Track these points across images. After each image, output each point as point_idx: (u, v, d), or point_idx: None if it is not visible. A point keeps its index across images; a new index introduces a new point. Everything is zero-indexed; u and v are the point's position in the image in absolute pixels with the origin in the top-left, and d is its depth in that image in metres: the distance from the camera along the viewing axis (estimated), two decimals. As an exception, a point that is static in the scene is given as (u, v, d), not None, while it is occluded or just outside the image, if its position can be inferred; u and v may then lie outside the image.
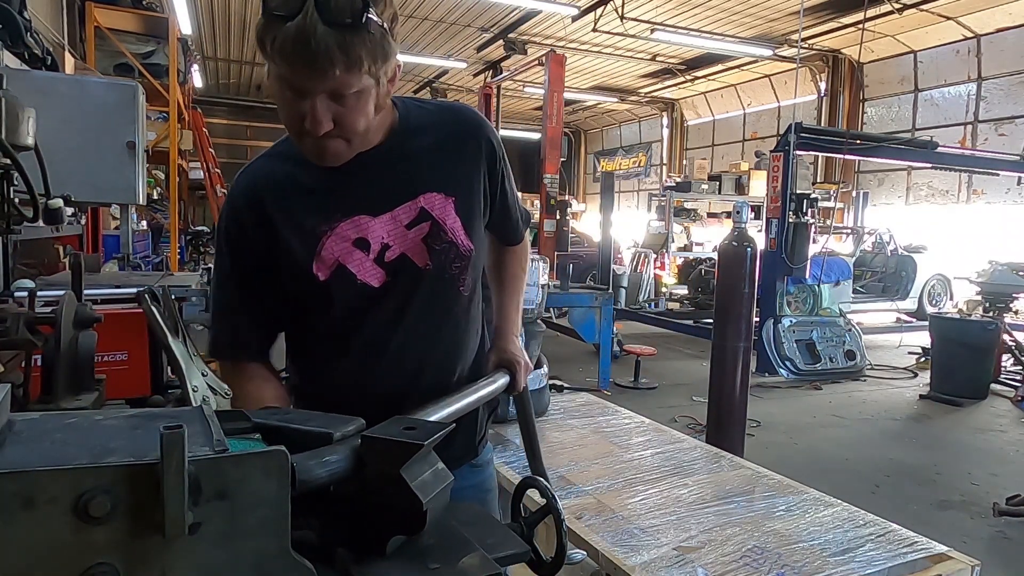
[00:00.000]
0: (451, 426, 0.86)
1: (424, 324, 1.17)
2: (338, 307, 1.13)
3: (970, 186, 11.55)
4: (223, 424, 0.66)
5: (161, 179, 9.67)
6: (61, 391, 1.64)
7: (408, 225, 1.13)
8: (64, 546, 0.52)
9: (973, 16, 10.84)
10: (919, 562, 1.79)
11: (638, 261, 10.99)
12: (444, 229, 1.14)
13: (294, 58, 0.90)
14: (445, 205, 1.15)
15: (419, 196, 1.13)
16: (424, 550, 0.77)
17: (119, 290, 3.54)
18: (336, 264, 1.10)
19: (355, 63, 0.92)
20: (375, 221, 1.11)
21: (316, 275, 1.10)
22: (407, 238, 1.13)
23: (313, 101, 0.95)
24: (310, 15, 0.87)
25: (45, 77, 4.43)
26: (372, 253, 1.11)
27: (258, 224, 1.11)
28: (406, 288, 1.14)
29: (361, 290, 1.12)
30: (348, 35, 0.90)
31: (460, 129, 1.19)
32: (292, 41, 0.89)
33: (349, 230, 1.10)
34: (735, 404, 4.08)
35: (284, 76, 0.93)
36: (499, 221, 1.31)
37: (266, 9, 0.90)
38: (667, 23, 11.84)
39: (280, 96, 0.97)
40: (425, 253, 1.14)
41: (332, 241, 1.10)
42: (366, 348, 1.16)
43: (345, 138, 1.01)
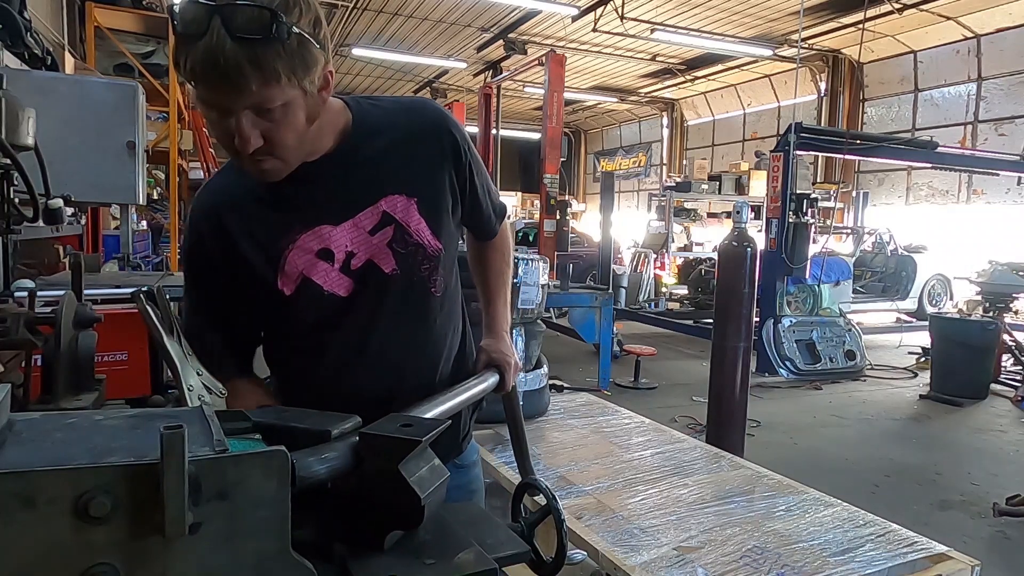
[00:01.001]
0: (447, 423, 0.86)
1: (399, 329, 1.15)
2: (309, 319, 1.12)
3: (970, 186, 11.55)
4: (223, 424, 0.66)
5: (161, 179, 9.67)
6: (61, 391, 1.64)
7: (371, 231, 1.10)
8: (64, 546, 0.52)
9: (973, 16, 10.84)
10: (919, 562, 1.79)
11: (638, 261, 10.99)
12: (409, 232, 1.12)
13: (207, 78, 0.87)
14: (408, 207, 1.12)
15: (380, 200, 1.10)
16: (420, 545, 0.78)
17: (119, 290, 3.53)
18: (300, 277, 1.08)
19: (271, 76, 0.88)
20: (337, 230, 1.09)
21: (282, 290, 1.09)
22: (371, 244, 1.10)
23: (237, 119, 0.91)
24: (217, 32, 0.84)
25: (45, 77, 4.43)
26: (337, 263, 1.09)
27: (220, 243, 1.09)
28: (375, 295, 1.12)
29: (329, 301, 1.10)
30: (259, 49, 0.86)
31: (419, 126, 1.15)
32: (202, 61, 0.86)
33: (311, 241, 1.08)
34: (735, 404, 4.08)
35: (203, 97, 0.91)
36: (471, 216, 1.27)
37: (176, 29, 0.88)
38: (667, 23, 11.84)
39: (207, 117, 0.95)
40: (391, 258, 1.12)
41: (294, 254, 1.08)
42: (342, 356, 1.14)
43: (278, 156, 0.98)
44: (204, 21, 0.84)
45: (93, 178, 3.97)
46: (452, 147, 1.16)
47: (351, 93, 10.88)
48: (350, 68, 16.01)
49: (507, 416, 1.45)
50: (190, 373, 0.95)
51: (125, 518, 0.53)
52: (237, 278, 1.10)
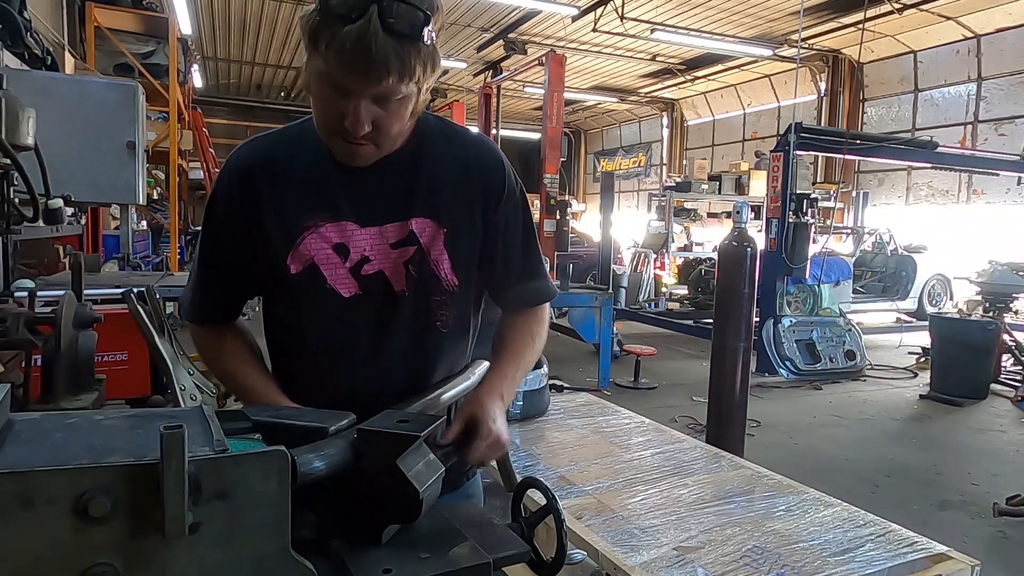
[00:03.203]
0: (443, 419, 0.87)
1: (391, 348, 1.11)
2: (303, 305, 1.11)
3: (970, 186, 11.55)
4: (223, 424, 0.66)
5: (161, 179, 9.68)
6: (61, 391, 1.64)
7: (393, 244, 1.09)
8: (64, 546, 0.52)
9: (973, 16, 10.84)
10: (919, 562, 1.79)
11: (638, 261, 10.99)
12: (428, 259, 1.10)
13: (351, 61, 0.89)
14: (436, 235, 1.10)
15: (411, 219, 1.09)
16: (416, 540, 0.79)
17: (119, 290, 3.54)
18: (310, 262, 1.07)
19: (407, 72, 0.92)
20: (361, 231, 1.08)
21: (289, 266, 1.08)
22: (389, 257, 1.09)
23: (357, 103, 0.94)
24: (372, 21, 0.87)
25: (45, 77, 4.43)
26: (349, 262, 1.08)
27: (244, 200, 1.09)
28: (377, 307, 1.10)
29: (329, 295, 1.08)
30: (407, 45, 0.90)
31: (473, 163, 1.13)
32: (353, 44, 0.88)
33: (332, 233, 1.07)
34: (735, 404, 4.08)
35: (332, 75, 0.92)
36: (497, 275, 1.18)
37: (325, 7, 0.88)
38: (667, 23, 11.84)
39: (319, 92, 0.96)
40: (404, 278, 1.09)
41: (312, 238, 1.07)
42: (327, 354, 1.12)
43: (377, 143, 1.01)
44: (363, 7, 0.87)
45: (93, 178, 3.97)
46: (496, 192, 1.14)
47: (351, 93, 10.91)
48: (350, 68, 16.01)
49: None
50: (182, 373, 0.96)
51: (125, 518, 0.54)
52: (250, 235, 1.09)
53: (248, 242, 1.10)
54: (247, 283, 1.16)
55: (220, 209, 1.12)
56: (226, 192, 1.11)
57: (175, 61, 7.85)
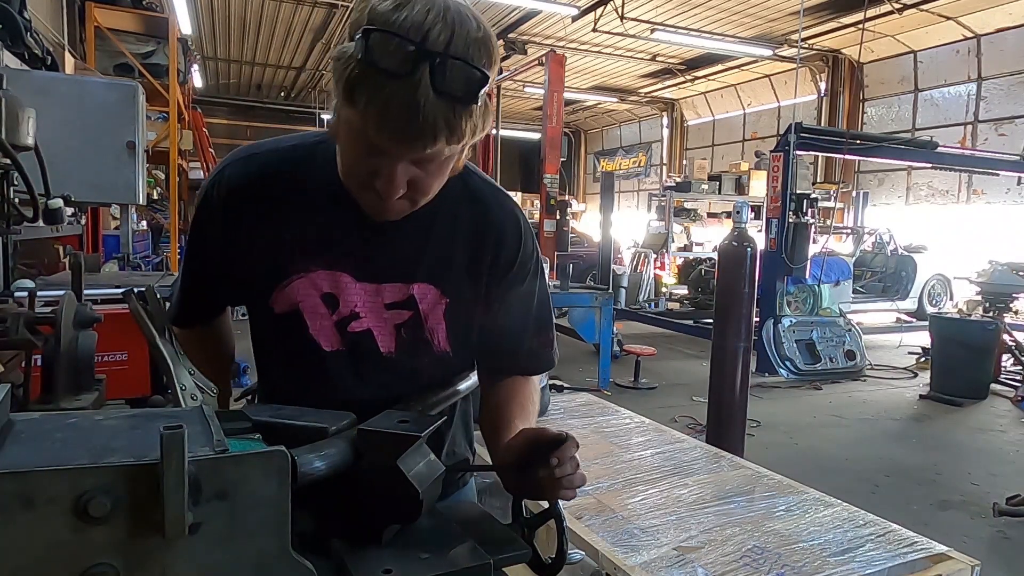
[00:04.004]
0: (443, 419, 0.87)
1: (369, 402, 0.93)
2: (279, 343, 1.05)
3: (970, 186, 11.55)
4: (223, 424, 0.66)
5: (161, 179, 9.68)
6: (61, 391, 1.64)
7: (388, 305, 1.01)
8: (64, 546, 0.52)
9: (973, 16, 10.84)
10: (919, 562, 1.79)
11: (638, 261, 10.99)
12: (424, 326, 1.03)
13: (395, 125, 0.77)
14: (436, 304, 1.02)
15: (413, 284, 1.01)
16: (416, 540, 0.79)
17: (119, 290, 3.54)
18: (295, 308, 0.99)
19: (457, 137, 0.80)
20: (356, 285, 0.99)
21: (272, 307, 1.00)
22: (381, 317, 1.01)
23: (393, 166, 0.82)
24: (423, 82, 0.75)
25: (45, 77, 4.43)
26: (336, 315, 1.00)
27: (233, 222, 0.99)
28: (357, 364, 1.02)
29: (309, 344, 1.00)
30: (458, 108, 0.77)
31: (491, 231, 1.03)
32: (399, 106, 0.75)
33: (323, 281, 0.99)
34: (735, 404, 4.08)
35: (369, 135, 0.79)
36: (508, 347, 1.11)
37: (369, 60, 0.75)
38: (667, 23, 11.84)
39: (351, 146, 0.85)
40: (393, 340, 1.02)
41: (301, 284, 0.98)
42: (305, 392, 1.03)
43: (413, 200, 0.89)
44: (411, 64, 0.74)
45: (93, 178, 3.97)
46: (508, 264, 1.05)
47: (351, 93, 10.85)
48: (350, 68, 16.00)
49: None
50: (182, 372, 0.95)
51: (125, 518, 0.53)
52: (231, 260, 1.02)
53: (230, 262, 1.02)
54: (227, 295, 1.14)
55: (204, 224, 1.03)
56: (212, 209, 1.01)
57: (175, 61, 7.85)
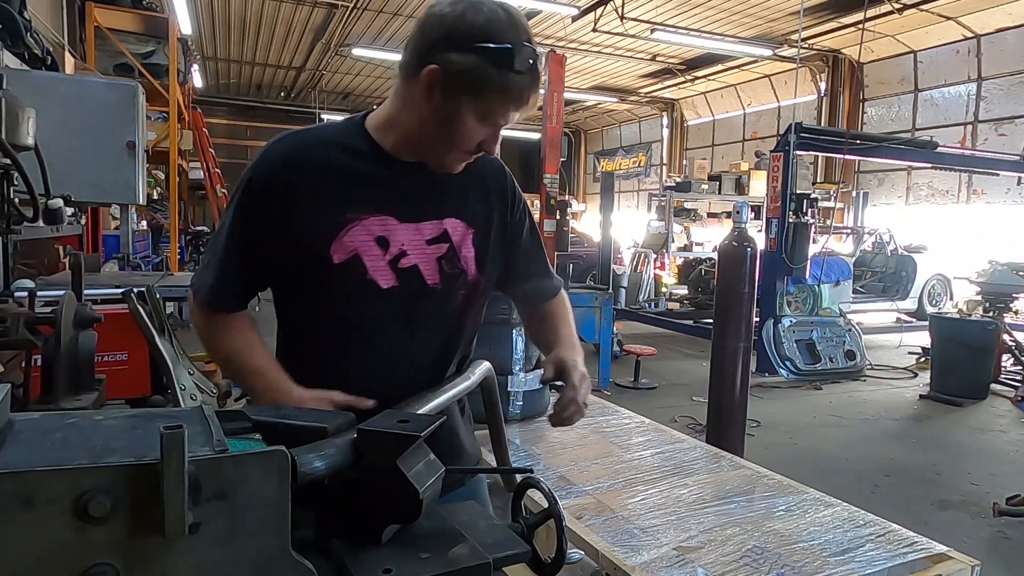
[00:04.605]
0: (442, 418, 0.89)
1: (419, 338, 1.20)
2: (340, 296, 1.15)
3: (970, 186, 11.55)
4: (223, 424, 0.66)
5: (161, 179, 9.68)
6: (61, 391, 1.64)
7: (429, 241, 1.19)
8: (64, 546, 0.52)
9: (973, 16, 10.84)
10: (919, 562, 1.79)
11: (638, 261, 10.99)
12: (459, 256, 1.21)
13: (519, 102, 1.08)
14: (465, 234, 1.22)
15: (445, 219, 1.20)
16: (416, 540, 0.79)
17: (119, 290, 3.54)
18: (353, 253, 1.13)
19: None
20: (400, 226, 1.16)
21: (331, 256, 1.12)
22: (424, 252, 1.18)
23: (498, 131, 1.13)
24: (535, 75, 1.07)
25: (45, 77, 4.43)
26: (388, 255, 1.16)
27: (286, 189, 1.12)
28: (411, 298, 1.18)
29: (368, 286, 1.14)
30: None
31: (488, 171, 1.28)
32: (524, 91, 1.08)
33: (375, 226, 1.15)
34: (735, 404, 4.08)
35: (493, 112, 1.08)
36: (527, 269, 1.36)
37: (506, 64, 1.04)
38: (667, 23, 11.84)
39: (468, 127, 1.09)
40: (437, 272, 1.19)
41: (357, 230, 1.14)
42: (358, 343, 1.18)
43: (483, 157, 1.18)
44: (531, 64, 1.06)
45: (93, 178, 3.97)
46: (512, 199, 1.31)
47: (351, 93, 10.91)
48: (350, 68, 16.01)
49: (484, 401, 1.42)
50: (182, 372, 0.96)
51: (125, 518, 0.54)
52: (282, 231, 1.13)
53: (281, 233, 1.13)
54: (267, 274, 1.18)
55: (257, 198, 1.14)
56: (265, 181, 1.13)
57: (175, 61, 7.85)
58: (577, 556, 1.65)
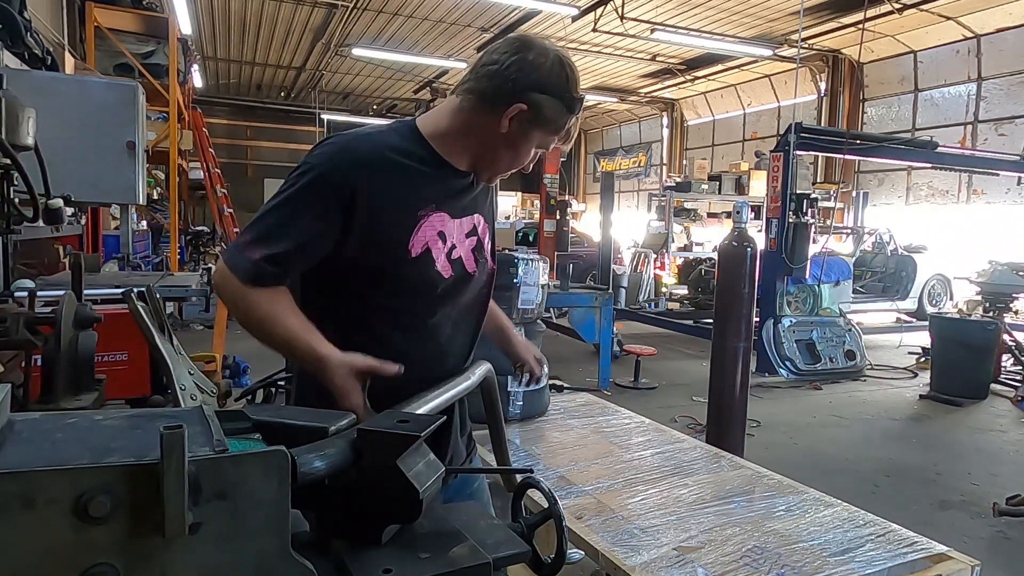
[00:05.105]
0: (442, 418, 0.90)
1: (464, 320, 1.38)
2: (413, 286, 1.26)
3: (970, 186, 11.55)
4: (223, 424, 0.66)
5: (161, 179, 9.68)
6: (61, 391, 1.64)
7: (467, 234, 1.35)
8: (64, 546, 0.52)
9: (973, 16, 10.84)
10: (919, 562, 1.79)
11: (638, 261, 10.99)
12: (484, 248, 1.40)
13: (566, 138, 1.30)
14: (485, 228, 1.41)
15: (475, 215, 1.38)
16: (416, 540, 0.79)
17: (119, 290, 3.54)
18: (425, 246, 1.25)
19: None
20: (452, 222, 1.31)
21: (410, 250, 1.23)
22: (465, 244, 1.35)
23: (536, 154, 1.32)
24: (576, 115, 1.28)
25: (45, 77, 4.43)
26: (446, 248, 1.30)
27: (360, 193, 1.19)
28: (459, 286, 1.34)
29: (435, 276, 1.27)
30: None
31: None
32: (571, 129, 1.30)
33: (437, 221, 1.28)
34: (735, 404, 4.08)
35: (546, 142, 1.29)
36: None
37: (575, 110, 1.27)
38: (667, 23, 11.84)
39: (528, 150, 1.30)
40: (474, 261, 1.36)
41: (427, 225, 1.26)
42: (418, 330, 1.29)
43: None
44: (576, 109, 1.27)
45: (93, 178, 3.97)
46: (495, 198, 1.50)
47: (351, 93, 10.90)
48: (350, 68, 16.00)
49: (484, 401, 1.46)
50: (182, 372, 0.96)
51: (125, 518, 0.54)
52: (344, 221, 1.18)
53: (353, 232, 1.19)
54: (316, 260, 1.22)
55: (331, 195, 1.18)
56: (338, 180, 1.19)
57: (175, 61, 7.85)
58: (577, 556, 1.65)
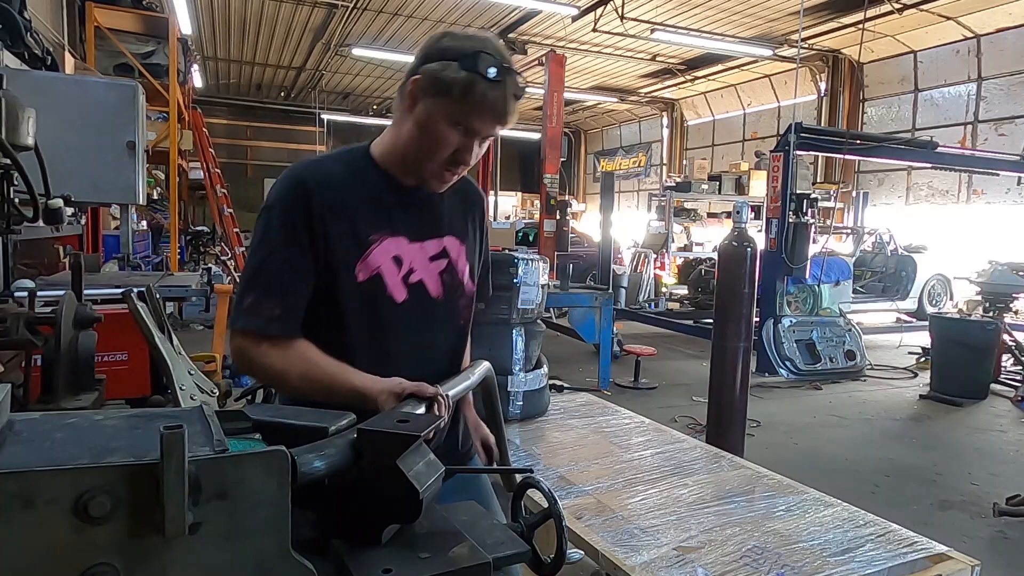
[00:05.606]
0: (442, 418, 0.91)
1: (430, 345, 1.33)
2: (364, 310, 1.24)
3: (970, 186, 11.55)
4: (223, 424, 0.66)
5: (161, 179, 9.69)
6: (61, 391, 1.64)
7: (431, 258, 1.32)
8: (64, 546, 0.52)
9: (973, 16, 10.84)
10: (919, 562, 1.79)
11: (638, 261, 10.99)
12: (457, 270, 1.35)
13: (494, 111, 1.17)
14: (460, 250, 1.36)
15: (444, 236, 1.34)
16: (416, 540, 0.79)
17: (119, 290, 3.54)
18: (375, 272, 1.24)
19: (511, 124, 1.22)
20: (410, 245, 1.29)
21: (356, 275, 1.22)
22: (428, 268, 1.31)
23: (473, 142, 1.21)
24: (509, 87, 1.17)
25: (45, 77, 4.43)
26: (401, 272, 1.27)
27: (321, 212, 1.20)
28: (420, 309, 1.29)
29: (386, 301, 1.25)
30: (516, 106, 1.20)
31: (470, 194, 1.43)
32: (499, 99, 1.16)
33: (391, 246, 1.26)
34: (735, 404, 4.08)
35: (469, 119, 1.17)
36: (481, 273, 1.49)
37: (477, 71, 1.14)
38: (667, 23, 11.84)
39: (445, 131, 1.18)
40: (439, 285, 1.32)
41: (378, 250, 1.24)
42: (371, 355, 1.23)
43: (462, 172, 1.27)
44: (504, 75, 1.15)
45: (93, 178, 3.97)
46: (483, 219, 1.47)
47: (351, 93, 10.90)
48: (350, 68, 16.01)
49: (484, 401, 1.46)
50: (182, 372, 0.95)
51: (125, 518, 0.54)
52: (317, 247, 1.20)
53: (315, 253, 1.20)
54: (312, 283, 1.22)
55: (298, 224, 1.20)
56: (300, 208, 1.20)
57: (175, 61, 7.85)
58: (577, 556, 1.65)
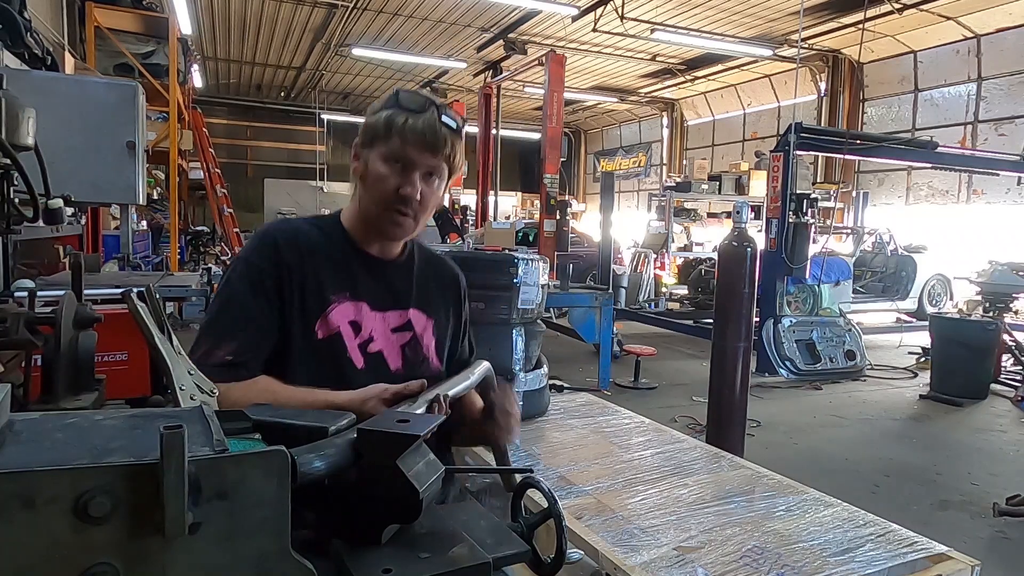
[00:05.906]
0: (442, 418, 0.92)
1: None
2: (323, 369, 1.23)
3: (970, 186, 11.55)
4: (223, 424, 0.66)
5: (161, 179, 9.69)
6: (61, 391, 1.64)
7: (393, 329, 1.31)
8: (64, 546, 0.52)
9: (973, 16, 10.84)
10: (919, 562, 1.79)
11: (638, 261, 10.99)
12: (421, 344, 1.34)
13: (423, 138, 1.20)
14: (427, 325, 1.36)
15: (409, 309, 1.34)
16: (416, 540, 0.79)
17: (119, 290, 3.54)
18: (335, 331, 1.25)
19: (453, 155, 1.25)
20: (372, 313, 1.29)
21: (316, 332, 1.23)
22: (389, 339, 1.31)
23: (414, 175, 1.22)
24: (434, 113, 1.21)
25: (45, 77, 4.43)
26: (359, 338, 1.27)
27: (289, 265, 1.24)
28: (376, 380, 1.19)
29: (347, 363, 1.25)
30: (454, 135, 1.24)
31: (445, 274, 1.46)
32: (424, 126, 1.20)
33: (351, 310, 1.27)
34: (735, 404, 4.08)
35: (403, 151, 1.20)
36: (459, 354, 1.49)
37: (400, 104, 1.21)
38: (667, 23, 11.84)
39: (381, 171, 1.23)
40: (399, 358, 1.31)
41: (337, 312, 1.25)
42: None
43: (416, 217, 1.27)
44: (427, 105, 1.22)
45: (93, 178, 3.97)
46: (459, 295, 1.47)
47: (351, 93, 10.90)
48: (350, 68, 16.00)
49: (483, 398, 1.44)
50: (182, 372, 0.95)
51: (125, 518, 0.53)
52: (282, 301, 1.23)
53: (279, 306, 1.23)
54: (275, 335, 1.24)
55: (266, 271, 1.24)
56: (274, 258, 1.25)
57: (175, 61, 7.85)
58: (577, 556, 1.65)
